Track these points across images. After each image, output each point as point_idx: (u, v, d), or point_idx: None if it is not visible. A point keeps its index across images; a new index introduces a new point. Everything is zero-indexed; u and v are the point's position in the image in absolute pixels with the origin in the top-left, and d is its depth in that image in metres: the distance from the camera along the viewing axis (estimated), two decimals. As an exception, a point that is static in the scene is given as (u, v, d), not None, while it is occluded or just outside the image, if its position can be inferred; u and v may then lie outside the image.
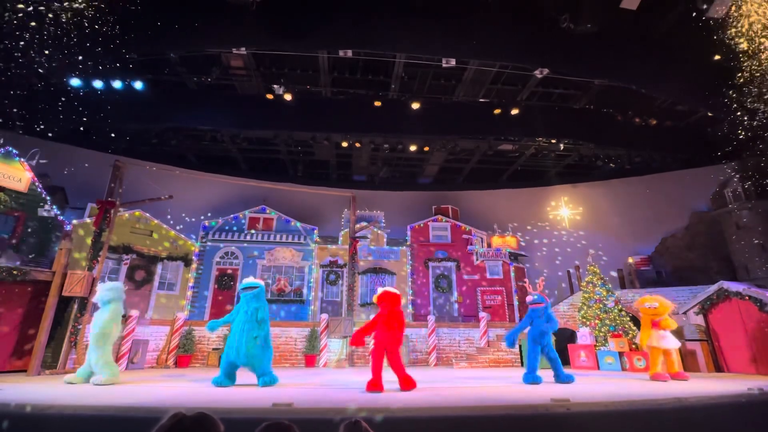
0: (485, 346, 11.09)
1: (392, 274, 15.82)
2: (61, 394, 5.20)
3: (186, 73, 12.49)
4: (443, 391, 5.63)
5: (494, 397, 5.04)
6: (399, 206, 18.61)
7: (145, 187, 12.00)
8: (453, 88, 13.47)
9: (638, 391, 5.68)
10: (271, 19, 9.89)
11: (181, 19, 9.95)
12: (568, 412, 3.70)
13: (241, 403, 4.60)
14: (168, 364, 10.18)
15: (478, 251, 16.12)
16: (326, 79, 12.87)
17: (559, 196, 18.45)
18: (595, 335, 10.01)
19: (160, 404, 4.41)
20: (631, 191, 17.61)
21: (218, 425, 1.68)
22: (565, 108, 14.35)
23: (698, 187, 15.24)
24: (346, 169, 19.38)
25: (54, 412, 3.61)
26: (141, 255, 13.31)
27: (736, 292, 8.93)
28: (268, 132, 14.64)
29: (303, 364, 10.85)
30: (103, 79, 11.73)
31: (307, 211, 16.76)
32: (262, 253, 15.29)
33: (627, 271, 15.10)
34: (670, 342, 7.48)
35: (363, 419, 1.81)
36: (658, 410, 3.92)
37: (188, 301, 14.12)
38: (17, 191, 9.96)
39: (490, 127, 14.17)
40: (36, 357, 7.98)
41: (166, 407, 3.82)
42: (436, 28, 10.28)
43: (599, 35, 9.99)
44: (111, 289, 6.72)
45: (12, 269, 8.40)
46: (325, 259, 15.64)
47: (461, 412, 3.85)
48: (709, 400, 4.31)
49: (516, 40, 10.43)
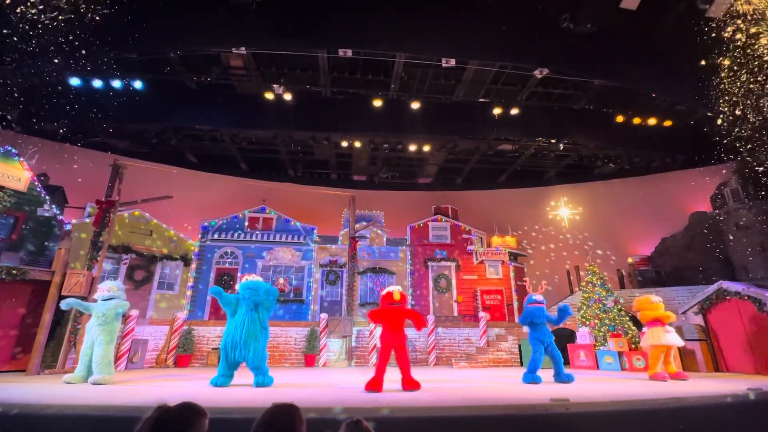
0: (485, 345, 11.09)
1: (392, 274, 15.82)
2: (60, 393, 5.20)
3: (186, 72, 12.48)
4: (442, 391, 5.63)
5: (494, 397, 5.04)
6: (399, 206, 18.61)
7: (145, 187, 11.99)
8: (453, 87, 13.47)
9: (638, 391, 5.69)
10: (271, 19, 9.89)
11: (181, 18, 9.95)
12: (567, 412, 3.70)
13: (241, 402, 4.60)
14: (167, 363, 10.17)
15: (477, 251, 16.12)
16: (326, 78, 12.86)
17: (558, 197, 18.46)
18: (595, 335, 10.02)
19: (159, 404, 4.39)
20: (630, 191, 17.62)
21: (202, 413, 1.73)
22: (565, 108, 14.36)
23: (697, 187, 15.24)
24: (346, 169, 19.38)
25: (53, 412, 3.60)
26: (140, 255, 13.30)
27: (735, 292, 8.94)
28: (267, 132, 14.64)
29: (303, 363, 10.85)
30: (102, 78, 11.72)
31: (306, 211, 16.75)
32: (261, 253, 15.28)
33: (627, 271, 15.11)
34: (674, 338, 7.47)
35: (364, 418, 1.83)
36: (657, 410, 3.92)
37: (188, 301, 14.10)
38: (17, 191, 9.95)
39: (489, 127, 14.16)
40: (35, 356, 7.97)
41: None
42: (436, 28, 10.29)
43: (599, 35, 10.01)
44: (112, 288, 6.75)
45: (11, 269, 8.40)
46: (324, 259, 15.63)
47: (460, 412, 3.85)
48: (709, 400, 4.31)
49: (516, 40, 10.43)
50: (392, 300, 6.12)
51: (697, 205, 15.10)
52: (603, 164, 16.77)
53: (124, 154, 14.25)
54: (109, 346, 6.46)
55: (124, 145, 15.84)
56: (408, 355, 6.02)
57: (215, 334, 10.74)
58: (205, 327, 11.04)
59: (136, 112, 12.80)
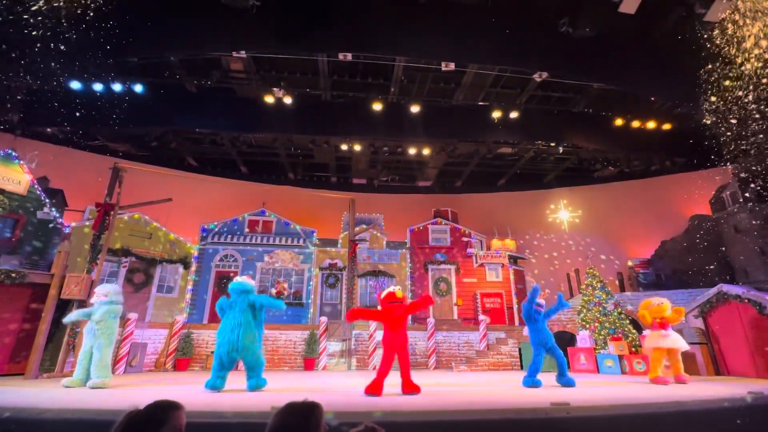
0: (485, 349, 11.06)
1: (391, 277, 15.80)
2: (58, 397, 5.17)
3: (186, 76, 12.52)
4: (443, 395, 5.60)
5: (494, 401, 5.01)
6: (398, 209, 18.63)
7: (145, 190, 11.99)
8: (452, 91, 13.52)
9: (638, 394, 5.66)
10: (271, 23, 9.94)
11: (182, 22, 10.00)
12: (567, 416, 3.69)
13: (240, 407, 4.57)
14: (166, 367, 10.14)
15: (477, 254, 16.11)
16: (326, 82, 12.91)
17: (558, 200, 18.48)
18: (595, 338, 9.99)
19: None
20: (630, 194, 17.65)
21: (172, 407, 1.69)
22: (564, 111, 14.40)
23: (697, 190, 15.27)
24: (346, 172, 19.41)
25: (51, 416, 3.58)
26: (140, 258, 13.28)
27: (735, 295, 8.92)
28: (267, 135, 14.67)
29: (302, 367, 10.81)
30: (103, 81, 11.76)
31: (306, 214, 16.76)
32: (261, 256, 15.27)
33: (627, 274, 15.10)
34: (675, 341, 7.36)
35: (366, 424, 1.73)
36: (658, 414, 3.91)
37: (187, 304, 14.08)
38: (16, 193, 9.95)
39: (489, 130, 14.20)
40: (33, 360, 7.94)
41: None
42: (435, 31, 10.33)
43: (598, 39, 10.06)
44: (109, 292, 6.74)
45: (10, 272, 8.38)
46: (324, 262, 15.62)
47: (460, 416, 3.83)
48: (709, 404, 4.29)
49: (515, 44, 10.48)
50: (395, 299, 6.05)
51: (697, 209, 15.13)
52: (602, 167, 16.80)
53: (125, 158, 14.29)
54: (106, 350, 6.44)
55: (125, 149, 15.89)
56: (409, 358, 5.97)
57: (214, 338, 10.68)
58: (205, 330, 11.00)
59: (137, 116, 12.83)
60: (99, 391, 5.78)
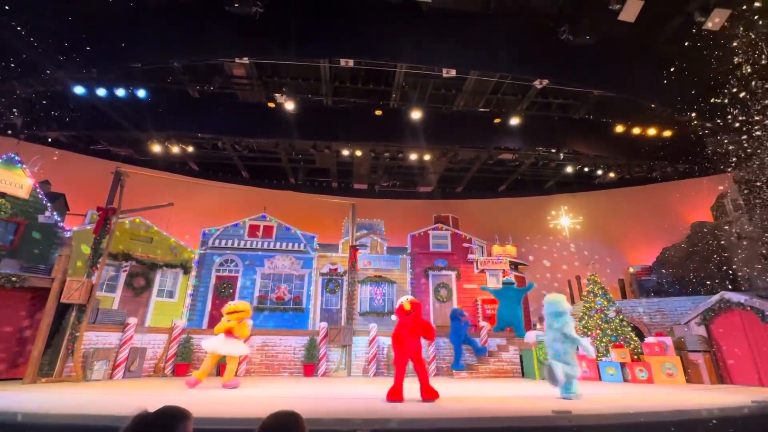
0: (485, 356, 10.98)
1: (392, 283, 15.75)
2: (55, 402, 5.14)
3: (188, 81, 12.60)
4: (443, 402, 5.56)
5: (495, 409, 4.97)
6: (399, 214, 18.63)
7: (146, 194, 12.03)
8: (453, 97, 13.59)
9: (640, 403, 5.61)
10: (274, 29, 10.01)
11: (185, 29, 10.08)
12: (569, 424, 3.66)
13: (239, 413, 4.54)
14: (166, 372, 10.08)
15: (478, 260, 16.07)
16: (328, 88, 12.98)
17: (559, 206, 18.46)
18: (597, 346, 9.92)
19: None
20: (631, 201, 17.64)
21: (182, 416, 1.67)
22: (565, 118, 14.45)
23: (698, 196, 15.24)
24: (347, 177, 19.45)
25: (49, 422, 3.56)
26: (140, 262, 13.27)
27: (737, 302, 8.88)
28: (269, 140, 14.73)
29: (301, 373, 10.74)
30: (106, 86, 11.85)
31: (307, 219, 16.76)
32: (261, 261, 15.24)
33: (628, 280, 15.03)
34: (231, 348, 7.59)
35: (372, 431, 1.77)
36: (660, 422, 3.87)
37: (187, 309, 14.03)
38: (18, 197, 9.99)
39: (490, 137, 14.24)
40: (32, 365, 7.90)
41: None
42: (437, 38, 10.40)
43: (598, 46, 10.11)
44: None
45: (11, 276, 8.37)
46: (324, 267, 15.59)
47: (461, 424, 3.80)
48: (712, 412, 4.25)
49: (516, 51, 10.54)
50: (404, 312, 6.09)
51: (698, 215, 15.08)
52: (603, 173, 16.81)
53: (127, 162, 14.34)
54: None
55: (127, 153, 15.97)
56: (425, 364, 5.96)
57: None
58: (204, 335, 10.94)
59: (139, 120, 12.89)
60: (99, 396, 5.74)
